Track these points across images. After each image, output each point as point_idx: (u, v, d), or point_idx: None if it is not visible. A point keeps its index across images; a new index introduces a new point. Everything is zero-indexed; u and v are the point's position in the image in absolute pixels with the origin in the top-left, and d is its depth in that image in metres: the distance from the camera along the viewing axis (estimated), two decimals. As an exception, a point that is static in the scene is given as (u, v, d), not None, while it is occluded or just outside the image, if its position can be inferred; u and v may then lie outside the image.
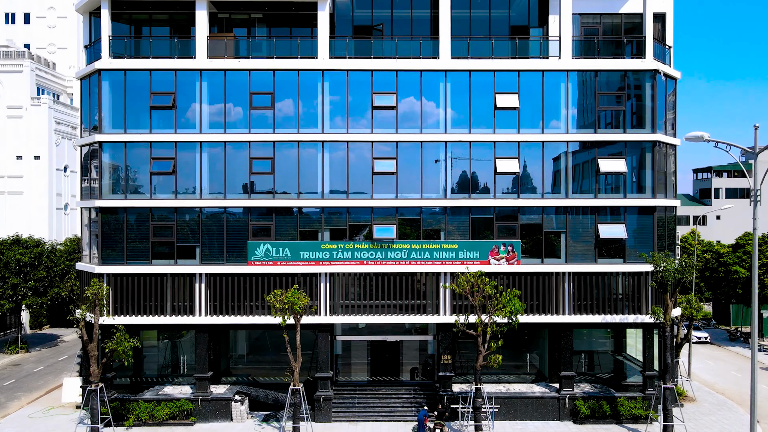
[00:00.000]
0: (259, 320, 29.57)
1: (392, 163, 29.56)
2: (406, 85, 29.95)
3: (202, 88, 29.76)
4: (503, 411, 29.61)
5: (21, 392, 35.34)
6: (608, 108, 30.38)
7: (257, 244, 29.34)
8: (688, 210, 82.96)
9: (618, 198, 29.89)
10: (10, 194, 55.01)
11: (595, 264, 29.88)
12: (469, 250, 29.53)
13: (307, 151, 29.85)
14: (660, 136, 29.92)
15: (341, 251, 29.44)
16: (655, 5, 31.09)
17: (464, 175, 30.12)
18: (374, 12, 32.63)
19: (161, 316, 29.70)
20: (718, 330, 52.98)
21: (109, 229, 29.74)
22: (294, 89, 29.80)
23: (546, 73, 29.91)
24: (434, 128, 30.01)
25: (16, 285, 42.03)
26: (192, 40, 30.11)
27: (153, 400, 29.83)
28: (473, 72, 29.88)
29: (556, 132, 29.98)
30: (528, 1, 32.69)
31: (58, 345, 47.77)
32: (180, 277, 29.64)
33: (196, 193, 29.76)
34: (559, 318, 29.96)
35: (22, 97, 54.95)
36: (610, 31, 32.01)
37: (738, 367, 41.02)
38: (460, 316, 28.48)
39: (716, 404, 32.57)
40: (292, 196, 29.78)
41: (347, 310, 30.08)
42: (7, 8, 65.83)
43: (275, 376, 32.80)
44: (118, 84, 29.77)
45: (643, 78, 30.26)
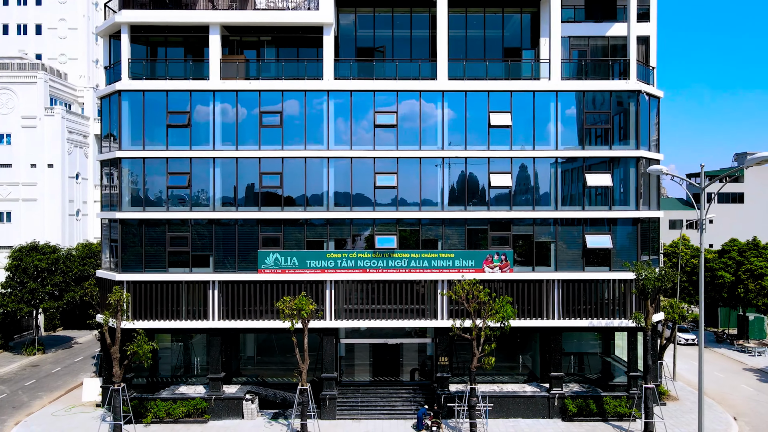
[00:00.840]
0: (269, 324, 31.67)
1: (393, 178, 31.66)
2: (406, 104, 32.04)
3: (215, 107, 31.84)
4: (497, 409, 31.68)
5: (42, 392, 37.40)
6: (595, 126, 32.47)
7: (267, 253, 31.44)
8: (681, 214, 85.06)
9: (604, 210, 31.98)
10: (24, 201, 57.08)
11: (583, 272, 31.98)
12: (464, 258, 31.63)
13: (313, 165, 31.93)
14: (643, 152, 32.02)
15: (345, 260, 31.54)
16: (639, 29, 33.21)
17: (460, 188, 32.21)
18: (376, 32, 34.79)
19: (177, 320, 31.81)
20: (706, 332, 54.96)
21: (128, 239, 31.82)
22: (301, 108, 31.90)
23: (537, 93, 32.01)
24: (432, 145, 32.11)
25: (34, 290, 44.13)
26: (206, 63, 32.20)
27: (169, 399, 31.92)
28: (469, 92, 31.98)
29: (547, 148, 32.07)
30: (520, 23, 34.85)
31: (72, 347, 49.81)
32: (195, 284, 31.74)
33: (209, 205, 31.86)
34: (549, 322, 32.06)
35: (36, 107, 56.98)
36: (598, 52, 34.15)
37: (721, 367, 43.10)
38: (457, 320, 30.58)
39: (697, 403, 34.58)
40: (299, 209, 31.89)
41: (351, 315, 32.18)
42: (20, 20, 67.90)
43: (282, 376, 34.86)
44: (137, 103, 31.85)
45: (627, 98, 32.35)
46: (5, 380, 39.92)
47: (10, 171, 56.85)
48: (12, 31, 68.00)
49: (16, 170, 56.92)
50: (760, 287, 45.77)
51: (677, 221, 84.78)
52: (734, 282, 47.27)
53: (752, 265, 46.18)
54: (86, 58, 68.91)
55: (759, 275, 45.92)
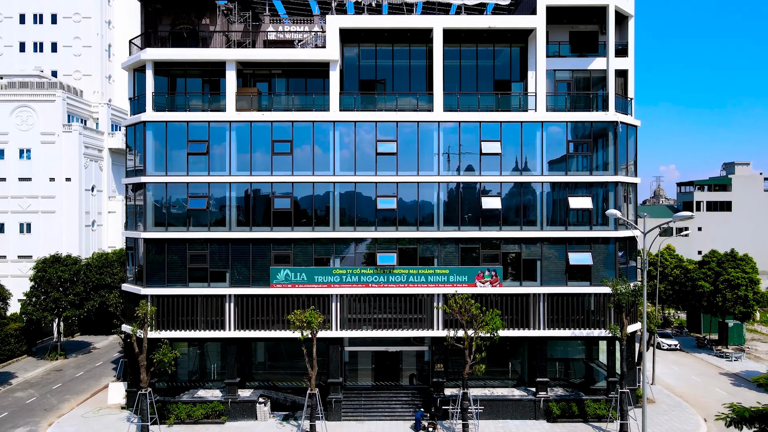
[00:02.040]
0: (280, 334, 34.82)
1: (393, 201, 34.80)
2: (406, 133, 35.17)
3: (231, 136, 34.99)
4: (487, 411, 34.81)
5: (69, 395, 40.51)
6: (577, 153, 35.59)
7: (278, 269, 34.59)
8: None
9: (585, 230, 35.12)
10: (43, 213, 60.19)
11: (566, 286, 35.12)
12: (458, 274, 34.78)
13: (320, 189, 35.05)
14: (621, 177, 35.16)
15: (350, 276, 34.69)
16: (617, 63, 36.35)
17: (454, 210, 35.32)
18: (378, 62, 37.92)
19: (196, 330, 34.96)
20: (689, 337, 58.13)
21: (152, 256, 34.95)
22: (309, 137, 35.04)
23: (524, 123, 35.13)
24: (429, 170, 35.22)
25: (57, 299, 47.21)
26: (222, 96, 35.33)
27: (189, 402, 35.06)
28: (462, 122, 35.11)
29: (533, 174, 35.20)
30: (510, 57, 37.97)
31: (91, 352, 52.94)
32: (212, 297, 34.89)
33: (226, 226, 34.98)
34: (536, 332, 35.21)
35: (54, 124, 60.05)
36: (581, 84, 37.27)
37: (699, 371, 46.23)
38: (451, 330, 33.72)
39: (672, 405, 37.78)
40: (307, 229, 35.02)
41: (355, 325, 35.32)
42: (36, 38, 71.08)
43: (290, 380, 37.92)
44: (160, 133, 35.00)
45: (606, 128, 35.48)
46: (33, 384, 43.03)
47: (30, 184, 59.96)
48: (29, 48, 71.22)
49: (35, 184, 60.01)
50: (736, 296, 48.87)
51: (668, 229, 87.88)
52: (713, 291, 50.34)
53: (729, 275, 49.28)
54: (99, 74, 72.08)
55: (736, 285, 49.02)
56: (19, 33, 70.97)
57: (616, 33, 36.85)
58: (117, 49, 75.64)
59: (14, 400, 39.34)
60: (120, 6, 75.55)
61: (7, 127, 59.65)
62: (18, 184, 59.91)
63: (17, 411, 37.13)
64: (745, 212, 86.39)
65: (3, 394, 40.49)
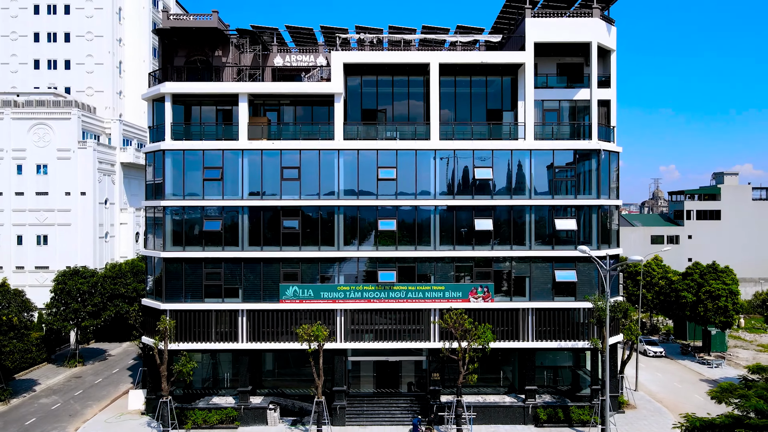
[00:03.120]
0: (289, 346, 37.73)
1: (393, 223, 37.71)
2: (405, 160, 38.09)
3: (243, 163, 37.90)
4: (480, 417, 37.71)
5: (91, 401, 43.41)
6: (562, 178, 38.51)
7: (287, 286, 37.51)
8: (663, 230, 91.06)
9: (570, 249, 38.00)
10: (59, 225, 63.12)
11: (553, 301, 38.04)
12: (453, 290, 37.70)
13: (326, 212, 37.97)
14: (603, 200, 38.08)
15: (353, 292, 37.62)
16: (600, 94, 39.30)
17: (449, 231, 38.23)
18: (379, 90, 40.85)
19: (211, 342, 37.89)
20: (675, 344, 61.00)
21: (171, 274, 37.87)
22: (316, 164, 37.95)
23: (514, 151, 38.06)
24: (426, 195, 38.12)
25: (76, 310, 50.08)
26: (234, 126, 38.26)
27: (205, 408, 37.99)
28: (457, 150, 38.04)
29: (522, 197, 38.11)
30: (501, 87, 40.89)
31: (107, 359, 55.83)
32: (226, 312, 37.79)
33: (239, 245, 37.90)
34: (524, 344, 38.13)
35: (70, 141, 62.98)
36: (567, 112, 40.20)
37: (681, 378, 49.11)
38: (446, 342, 36.63)
39: (652, 411, 40.66)
40: (314, 248, 37.93)
41: (358, 337, 38.24)
42: (50, 55, 74.12)
43: (297, 387, 40.75)
44: (178, 160, 37.93)
45: (589, 155, 38.40)
46: (56, 391, 45.93)
47: (46, 198, 62.92)
48: (43, 66, 74.29)
49: (52, 198, 62.96)
50: (717, 307, 51.75)
51: (659, 237, 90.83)
52: (696, 302, 53.21)
53: (711, 287, 52.16)
54: (111, 90, 75.10)
55: (716, 296, 51.90)
56: (34, 51, 74.05)
57: (600, 66, 39.76)
58: (127, 65, 78.70)
59: (40, 406, 42.24)
60: (130, 24, 78.54)
61: (25, 144, 62.59)
62: (35, 198, 62.86)
63: (44, 417, 40.02)
64: (733, 221, 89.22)
65: (29, 401, 43.38)
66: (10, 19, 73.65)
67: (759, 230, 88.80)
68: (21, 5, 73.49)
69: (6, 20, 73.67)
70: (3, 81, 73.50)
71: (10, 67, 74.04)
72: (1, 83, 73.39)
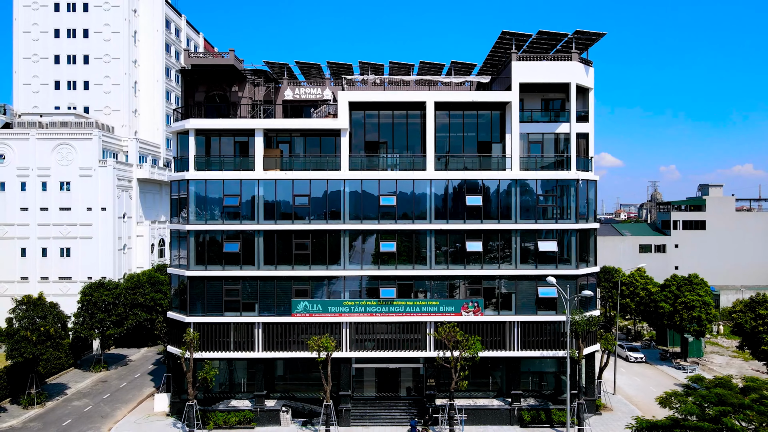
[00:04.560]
0: (300, 355, 42.17)
1: (393, 245, 42.13)
2: (403, 188, 42.51)
3: (259, 191, 42.32)
4: (471, 418, 42.13)
5: (119, 404, 47.85)
6: (545, 205, 42.94)
7: (298, 301, 41.94)
8: (651, 239, 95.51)
9: (551, 269, 42.41)
10: (81, 239, 67.49)
11: (536, 315, 42.47)
12: (447, 305, 42.14)
13: (333, 236, 42.38)
14: (581, 225, 42.52)
15: (357, 306, 42.05)
16: (579, 128, 43.72)
17: (443, 252, 42.66)
18: (381, 122, 45.13)
19: (230, 351, 42.32)
20: (656, 350, 65.42)
21: (194, 290, 42.30)
22: (323, 192, 42.36)
23: (501, 180, 42.49)
24: (422, 220, 42.55)
25: (102, 320, 54.54)
26: (250, 158, 42.69)
27: (225, 410, 42.42)
28: (450, 180, 42.46)
29: (508, 222, 42.54)
30: (491, 120, 45.23)
31: (128, 364, 60.28)
32: (244, 324, 42.23)
33: (255, 265, 42.31)
34: (511, 353, 42.57)
35: (91, 159, 67.36)
36: (550, 143, 44.57)
37: (657, 382, 53.47)
38: (440, 352, 41.05)
39: (626, 413, 45.01)
40: (322, 267, 42.35)
41: (361, 347, 42.66)
42: (69, 77, 78.55)
43: (306, 391, 45.12)
44: (201, 188, 42.37)
45: (569, 184, 42.83)
46: (86, 394, 50.38)
47: (69, 213, 67.28)
48: (63, 86, 78.75)
49: (74, 213, 67.32)
50: (691, 316, 56.18)
51: (647, 246, 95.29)
52: (673, 311, 57.62)
53: (686, 298, 56.57)
54: (127, 109, 79.55)
55: (691, 306, 56.31)
56: (55, 72, 78.52)
57: (579, 103, 44.19)
58: (142, 85, 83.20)
59: (73, 408, 46.69)
60: (145, 46, 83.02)
61: (49, 162, 67.00)
62: (59, 213, 67.25)
63: (79, 418, 44.45)
64: (717, 230, 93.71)
65: (62, 404, 47.83)
66: (32, 43, 78.10)
67: (741, 240, 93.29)
68: (42, 29, 77.96)
69: (28, 43, 78.12)
70: (25, 101, 77.98)
71: (32, 87, 78.47)
72: (24, 103, 77.89)
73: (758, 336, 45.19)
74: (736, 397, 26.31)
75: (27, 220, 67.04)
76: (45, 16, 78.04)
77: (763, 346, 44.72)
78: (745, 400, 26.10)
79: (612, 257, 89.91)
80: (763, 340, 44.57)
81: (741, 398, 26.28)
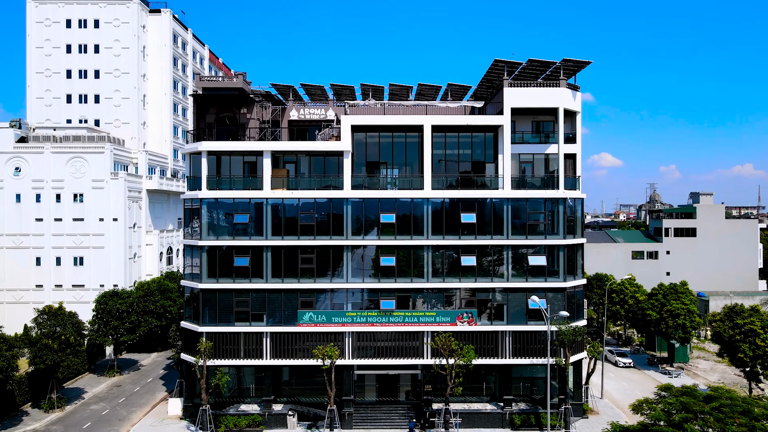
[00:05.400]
0: (305, 362, 45.06)
1: (392, 259, 45.05)
2: (402, 206, 45.42)
3: (266, 209, 45.22)
4: (465, 422, 45.02)
5: (134, 407, 50.74)
6: (534, 222, 45.84)
7: (304, 312, 44.85)
8: (643, 246, 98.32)
9: (540, 281, 45.33)
10: (94, 248, 70.42)
11: (526, 325, 45.37)
12: (443, 316, 45.05)
13: (336, 250, 45.27)
14: (568, 240, 45.41)
15: (359, 317, 44.95)
16: (567, 149, 46.61)
17: (440, 265, 45.57)
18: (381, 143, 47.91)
19: (239, 359, 45.21)
20: (645, 355, 68.31)
21: (207, 302, 45.21)
22: (328, 210, 45.26)
23: (494, 199, 45.39)
24: (419, 236, 45.44)
25: (116, 327, 57.43)
26: (259, 178, 45.56)
27: (235, 414, 45.34)
28: (446, 198, 45.37)
29: (501, 238, 45.43)
30: (484, 140, 48.08)
31: (140, 369, 63.19)
32: (253, 334, 45.12)
33: (263, 278, 45.22)
34: (503, 360, 45.48)
35: (103, 172, 70.27)
36: (541, 163, 47.45)
37: (642, 387, 56.29)
38: (436, 359, 43.94)
39: (612, 416, 47.88)
40: (326, 280, 45.26)
41: (363, 354, 45.56)
42: (81, 90, 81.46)
43: (310, 395, 47.94)
44: (212, 206, 45.29)
45: (557, 202, 45.73)
46: (102, 398, 53.28)
47: (82, 224, 70.20)
48: (75, 100, 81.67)
49: (87, 223, 70.24)
50: (677, 324, 59.08)
51: (639, 252, 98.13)
52: (659, 319, 60.54)
53: (671, 306, 59.47)
54: (136, 121, 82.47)
55: (676, 314, 59.22)
56: (67, 86, 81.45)
57: (567, 125, 47.09)
58: (150, 98, 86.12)
59: (92, 412, 49.58)
60: (153, 61, 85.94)
61: (63, 175, 69.92)
62: (72, 224, 70.16)
63: (98, 421, 47.35)
64: (708, 237, 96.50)
65: (81, 407, 50.74)
66: (44, 58, 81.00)
67: (731, 247, 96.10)
68: (54, 45, 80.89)
69: (41, 58, 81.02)
70: (38, 114, 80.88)
71: (45, 101, 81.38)
72: (37, 116, 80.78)
73: (735, 344, 48.05)
74: (698, 404, 29.20)
75: (42, 231, 69.93)
76: (57, 32, 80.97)
77: (739, 354, 47.57)
78: (706, 407, 28.98)
79: (605, 263, 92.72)
80: (740, 348, 47.42)
81: (703, 406, 29.17)
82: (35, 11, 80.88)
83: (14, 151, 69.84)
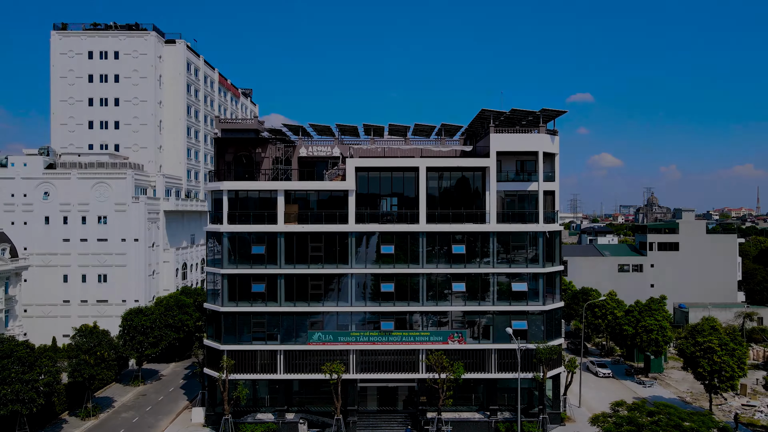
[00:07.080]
0: (314, 376, 51.02)
1: (391, 285, 51.02)
2: (401, 238, 51.36)
3: (280, 241, 51.17)
4: (456, 429, 50.92)
5: (161, 416, 56.65)
6: (517, 252, 51.79)
7: (313, 332, 50.82)
8: (629, 260, 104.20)
9: (522, 305, 51.28)
10: (116, 266, 76.42)
11: (510, 343, 51.32)
12: (436, 336, 51.00)
13: (342, 277, 51.24)
14: (547, 269, 51.37)
15: (362, 337, 50.92)
16: (546, 186, 52.53)
17: (433, 291, 51.51)
18: (381, 180, 53.83)
19: (256, 373, 51.17)
20: (621, 365, 74.20)
21: (227, 323, 51.16)
22: (334, 242, 51.21)
23: (481, 232, 51.34)
24: (415, 264, 51.38)
25: (141, 341, 63.36)
26: (271, 214, 51.49)
27: (252, 422, 51.29)
28: (438, 232, 51.32)
29: (487, 267, 51.39)
30: (473, 177, 54.02)
31: (161, 378, 69.12)
32: (268, 351, 51.08)
33: (278, 301, 51.16)
34: (489, 375, 51.45)
35: (125, 196, 76.26)
36: (524, 199, 53.36)
37: (619, 396, 61.90)
38: (430, 374, 49.93)
39: (587, 424, 53.78)
40: (333, 304, 51.22)
41: (365, 369, 51.52)
42: (102, 117, 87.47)
43: (318, 405, 53.72)
44: (233, 239, 51.25)
45: (537, 234, 51.67)
46: (130, 407, 59.22)
47: (106, 244, 76.19)
48: (96, 126, 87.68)
49: (110, 243, 76.24)
50: (650, 339, 65.01)
51: (625, 265, 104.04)
52: (634, 333, 66.45)
53: (645, 322, 65.40)
54: (153, 145, 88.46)
55: (650, 330, 65.15)
56: (89, 114, 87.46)
57: (547, 165, 52.99)
58: (166, 123, 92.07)
59: (123, 420, 55.52)
60: (168, 88, 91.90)
61: (88, 199, 75.90)
62: (96, 244, 76.14)
63: (130, 429, 53.27)
64: (689, 251, 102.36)
65: (113, 416, 56.68)
66: (68, 87, 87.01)
67: (711, 260, 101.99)
68: (77, 75, 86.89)
69: (64, 87, 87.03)
70: (62, 139, 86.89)
71: (68, 127, 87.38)
72: (61, 141, 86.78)
73: (696, 360, 53.92)
74: (644, 419, 35.09)
75: (69, 250, 75.91)
76: (80, 62, 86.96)
77: (699, 369, 53.44)
78: (647, 421, 34.86)
79: (593, 276, 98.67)
80: (699, 364, 53.30)
81: (646, 420, 35.06)
82: (59, 43, 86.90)
83: (43, 177, 75.84)
